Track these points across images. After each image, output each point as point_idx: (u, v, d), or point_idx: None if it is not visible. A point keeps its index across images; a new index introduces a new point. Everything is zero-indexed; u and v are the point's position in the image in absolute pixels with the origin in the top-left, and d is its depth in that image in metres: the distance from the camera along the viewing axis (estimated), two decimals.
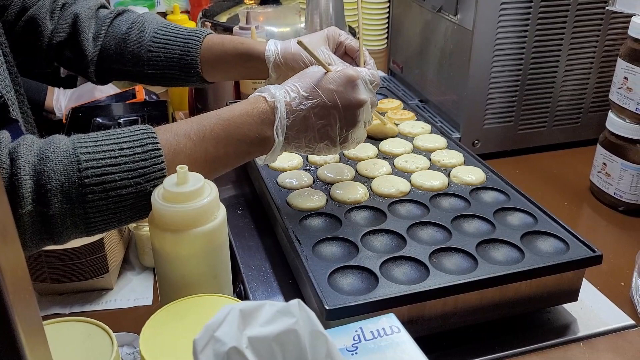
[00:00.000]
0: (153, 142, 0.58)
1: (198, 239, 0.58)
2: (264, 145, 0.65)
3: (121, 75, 0.88)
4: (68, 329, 0.54)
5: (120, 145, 0.57)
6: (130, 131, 0.59)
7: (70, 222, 0.55)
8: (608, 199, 0.97)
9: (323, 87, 0.66)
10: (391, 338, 0.49)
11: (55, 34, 0.84)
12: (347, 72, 0.67)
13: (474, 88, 1.06)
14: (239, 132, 0.63)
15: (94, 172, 0.55)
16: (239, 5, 1.36)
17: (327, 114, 0.66)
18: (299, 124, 0.65)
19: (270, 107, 0.64)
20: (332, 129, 0.67)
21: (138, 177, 0.57)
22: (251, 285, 0.73)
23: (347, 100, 0.66)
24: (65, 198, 0.54)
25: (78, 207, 0.55)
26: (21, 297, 0.33)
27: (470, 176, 0.82)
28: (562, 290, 0.68)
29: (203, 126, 0.62)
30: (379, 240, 0.70)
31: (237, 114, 0.63)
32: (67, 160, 0.55)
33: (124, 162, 0.56)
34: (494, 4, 1.00)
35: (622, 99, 0.92)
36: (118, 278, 0.81)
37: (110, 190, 0.56)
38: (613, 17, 1.07)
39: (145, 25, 0.85)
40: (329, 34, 0.83)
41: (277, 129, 0.64)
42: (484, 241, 0.69)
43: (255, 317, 0.40)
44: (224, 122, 0.63)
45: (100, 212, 0.56)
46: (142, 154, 0.57)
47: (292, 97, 0.65)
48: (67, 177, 0.54)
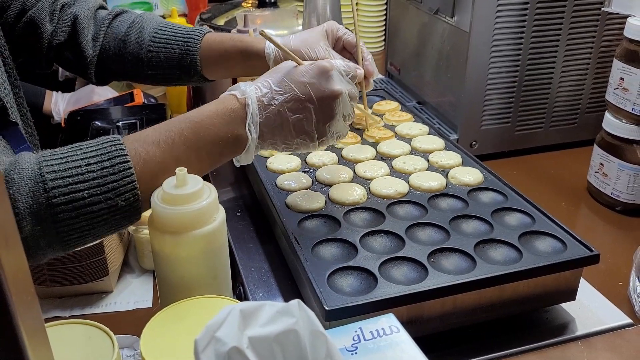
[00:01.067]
0: (121, 155, 0.56)
1: (197, 240, 0.59)
2: (238, 145, 0.63)
3: (121, 75, 0.88)
4: (69, 331, 0.55)
5: (87, 161, 0.55)
6: (98, 144, 0.57)
7: (44, 242, 0.54)
8: (605, 198, 0.98)
9: (295, 80, 0.64)
10: (391, 338, 0.49)
11: (55, 36, 0.84)
12: (319, 64, 0.65)
13: (471, 89, 1.07)
14: (209, 134, 0.61)
15: (62, 192, 0.53)
16: (236, 9, 1.36)
17: (301, 108, 0.64)
18: (273, 119, 0.63)
19: (241, 105, 0.62)
20: (308, 123, 0.64)
21: (108, 192, 0.55)
22: (251, 287, 0.73)
23: (321, 92, 0.64)
24: (34, 220, 0.53)
25: (50, 228, 0.54)
26: (24, 300, 0.33)
27: (468, 177, 0.82)
28: (560, 290, 0.68)
29: (172, 132, 0.60)
30: (377, 241, 0.70)
31: (206, 115, 0.62)
32: (32, 182, 0.53)
33: (92, 177, 0.55)
34: (490, 6, 1.01)
35: (618, 100, 0.93)
36: (118, 281, 0.81)
37: (81, 208, 0.54)
38: (609, 18, 1.07)
39: (144, 25, 0.85)
40: (328, 29, 0.83)
41: (250, 126, 0.62)
42: (482, 241, 0.69)
43: (255, 317, 0.41)
44: (193, 125, 0.61)
45: (74, 230, 0.55)
46: (110, 168, 0.55)
47: (263, 93, 0.63)
48: (34, 199, 0.53)
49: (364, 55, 0.82)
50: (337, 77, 0.66)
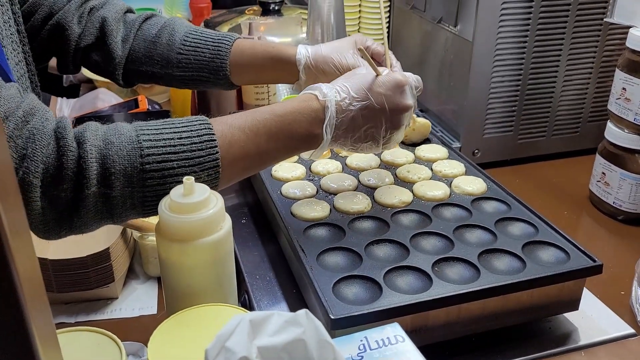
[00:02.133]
0: (209, 134, 0.61)
1: (204, 249, 0.59)
2: (312, 142, 0.67)
3: (149, 77, 0.89)
4: (77, 338, 0.55)
5: (179, 135, 0.60)
6: (189, 121, 0.62)
7: (130, 203, 0.59)
8: (607, 208, 0.98)
9: (373, 90, 0.68)
10: (396, 347, 0.50)
11: (83, 38, 0.85)
12: (396, 77, 0.70)
13: (473, 98, 1.07)
14: (290, 129, 0.65)
15: (155, 159, 0.58)
16: (240, 16, 1.37)
17: (374, 116, 0.68)
18: (347, 124, 0.67)
19: (321, 106, 0.66)
20: (377, 131, 0.69)
21: (194, 165, 0.60)
22: (255, 295, 0.74)
23: (394, 105, 0.69)
24: (127, 181, 0.57)
25: (138, 191, 0.58)
26: (37, 306, 0.33)
27: (471, 186, 0.83)
28: (563, 300, 0.69)
29: (257, 120, 0.64)
30: (382, 250, 0.71)
31: (289, 111, 0.66)
32: (130, 146, 0.58)
33: (182, 150, 0.60)
34: (493, 15, 1.02)
35: (620, 110, 0.94)
36: (123, 287, 0.82)
37: (168, 177, 0.59)
38: (611, 29, 1.08)
39: (175, 29, 0.86)
40: (357, 39, 0.85)
41: (327, 127, 0.66)
42: (486, 251, 0.70)
43: (264, 327, 0.41)
44: (276, 118, 0.65)
45: (157, 197, 0.59)
46: (199, 144, 0.60)
47: (342, 97, 0.67)
48: (130, 162, 0.57)
49: (392, 62, 0.84)
50: (409, 92, 0.71)
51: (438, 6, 1.15)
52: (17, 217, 0.32)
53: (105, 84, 1.38)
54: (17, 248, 0.31)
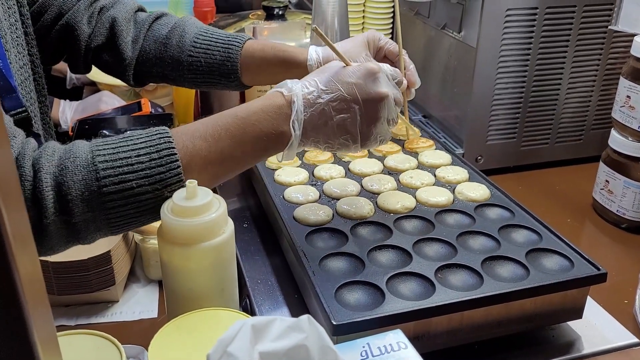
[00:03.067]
0: (169, 147, 0.59)
1: (206, 253, 0.59)
2: (281, 141, 0.64)
3: (160, 78, 0.88)
4: (77, 341, 0.55)
5: (137, 152, 0.58)
6: (147, 136, 0.60)
7: (94, 227, 0.58)
8: (611, 216, 0.98)
9: (342, 80, 0.65)
10: (398, 354, 0.49)
11: (93, 38, 0.85)
12: (367, 65, 0.66)
13: (477, 104, 1.07)
14: (254, 130, 0.63)
15: (112, 181, 0.56)
16: (244, 20, 1.37)
17: (346, 108, 0.64)
18: (317, 117, 0.64)
19: (287, 101, 0.64)
20: (351, 124, 0.65)
21: (155, 183, 0.58)
22: (257, 299, 0.74)
23: (367, 94, 0.65)
24: (86, 206, 0.56)
25: (99, 214, 0.57)
26: (38, 310, 0.33)
27: (474, 193, 0.82)
28: (566, 308, 0.68)
29: (218, 126, 0.62)
30: (385, 255, 0.70)
31: (253, 111, 0.63)
32: (85, 170, 0.56)
33: (141, 168, 0.58)
34: (497, 22, 1.02)
35: (624, 117, 0.93)
36: (123, 290, 0.81)
37: (129, 197, 0.57)
38: (615, 37, 1.08)
39: (186, 29, 0.85)
40: (369, 38, 0.83)
41: (294, 122, 0.63)
42: (489, 258, 0.69)
43: (266, 332, 0.41)
44: (239, 121, 0.62)
45: (122, 217, 0.58)
46: (158, 160, 0.58)
47: (310, 91, 0.64)
48: (86, 187, 0.56)
49: (406, 64, 0.82)
50: (384, 80, 0.66)
51: (442, 12, 1.15)
52: (19, 220, 0.31)
53: (108, 87, 1.38)
54: (19, 251, 0.30)
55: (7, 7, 0.72)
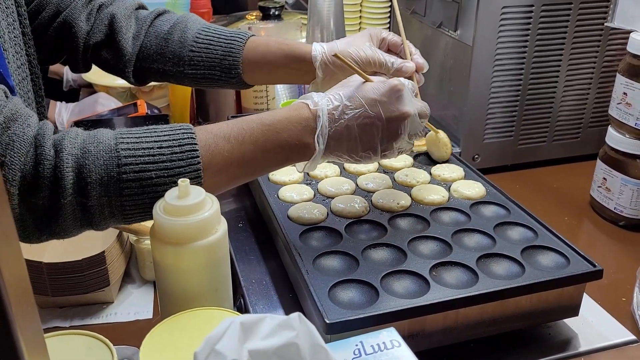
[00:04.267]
0: (191, 143, 0.59)
1: (199, 252, 0.59)
2: (304, 153, 0.65)
3: (160, 75, 0.87)
4: (68, 342, 0.54)
5: (159, 144, 0.59)
6: (171, 130, 0.61)
7: (108, 212, 0.58)
8: (608, 213, 0.97)
9: (366, 96, 0.65)
10: (392, 352, 0.49)
11: (92, 35, 0.84)
12: (391, 83, 0.66)
13: (473, 103, 1.07)
14: (278, 138, 0.63)
15: (132, 169, 0.57)
16: (241, 21, 1.37)
17: (369, 124, 0.65)
18: (341, 133, 0.65)
19: (312, 115, 0.64)
20: (374, 139, 0.66)
21: (174, 175, 0.58)
22: (251, 299, 0.73)
23: (390, 112, 0.66)
24: (103, 191, 0.56)
25: (115, 200, 0.57)
26: (23, 310, 0.33)
27: (470, 190, 0.82)
28: (562, 305, 0.68)
29: (243, 130, 0.62)
30: (379, 254, 0.70)
31: (278, 120, 0.64)
32: (108, 155, 0.57)
33: (162, 160, 0.58)
34: (493, 20, 1.02)
35: (621, 114, 0.93)
36: (118, 291, 0.81)
37: (147, 187, 0.58)
38: (612, 33, 1.08)
39: (188, 25, 0.85)
40: (371, 32, 0.83)
41: (319, 137, 0.64)
42: (485, 255, 0.69)
43: (255, 330, 0.41)
44: (264, 127, 0.63)
45: (136, 206, 0.58)
46: (179, 154, 0.59)
47: (335, 106, 0.65)
48: (106, 172, 0.56)
49: (412, 50, 0.82)
50: (407, 97, 0.67)
51: (438, 11, 1.15)
52: (3, 220, 0.31)
53: (104, 88, 1.38)
54: (2, 248, 0.30)
55: (5, 6, 0.71)
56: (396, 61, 0.80)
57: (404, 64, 0.80)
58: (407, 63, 0.79)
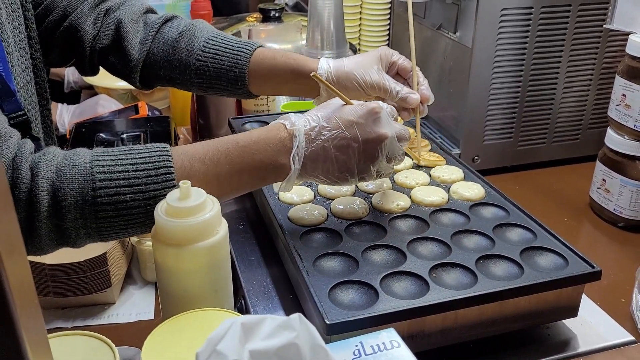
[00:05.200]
0: (167, 166, 0.60)
1: (200, 253, 0.59)
2: (279, 173, 0.65)
3: (167, 81, 0.87)
4: (71, 342, 0.55)
5: (135, 167, 0.59)
6: (148, 152, 0.61)
7: (84, 233, 0.59)
8: (608, 215, 0.98)
9: (344, 118, 0.66)
10: (391, 353, 0.49)
11: (98, 40, 0.84)
12: (369, 105, 0.67)
13: (473, 104, 1.07)
14: (254, 159, 0.64)
15: (107, 192, 0.58)
16: (241, 23, 1.37)
17: (345, 146, 0.65)
18: (317, 153, 0.65)
19: (289, 135, 0.65)
20: (350, 161, 0.66)
21: (149, 199, 0.59)
22: (252, 300, 0.74)
23: (367, 133, 0.66)
24: (78, 214, 0.57)
25: (90, 222, 0.58)
26: (27, 311, 0.33)
27: (469, 192, 0.82)
28: (561, 306, 0.68)
29: (218, 151, 0.63)
30: (379, 255, 0.70)
31: (254, 141, 0.64)
32: (83, 179, 0.57)
33: (137, 184, 0.59)
34: (493, 22, 1.02)
35: (620, 116, 0.93)
36: (120, 292, 0.81)
37: (122, 210, 0.59)
38: (611, 35, 1.08)
39: (196, 33, 0.84)
40: (382, 53, 0.82)
41: (294, 157, 0.64)
42: (484, 256, 0.69)
43: (256, 331, 0.41)
44: (240, 148, 0.63)
45: (112, 227, 0.59)
46: (155, 177, 0.59)
47: (312, 126, 0.65)
48: (81, 195, 0.57)
49: (420, 80, 0.81)
50: (385, 120, 0.67)
51: (437, 13, 1.15)
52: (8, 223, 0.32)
53: (105, 90, 1.39)
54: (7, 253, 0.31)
55: (12, 10, 0.72)
56: (402, 90, 0.79)
57: (409, 95, 0.79)
58: (413, 95, 0.78)
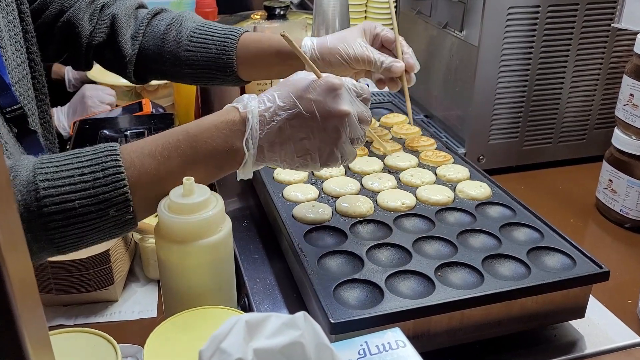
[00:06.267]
0: (115, 166, 0.56)
1: (203, 250, 0.59)
2: (235, 159, 0.61)
3: (160, 74, 0.87)
4: (73, 339, 0.54)
5: (81, 171, 0.55)
6: (94, 153, 0.57)
7: (37, 247, 0.55)
8: (614, 215, 0.97)
9: (301, 96, 0.61)
10: (397, 352, 0.49)
11: (94, 35, 0.84)
12: (328, 80, 0.62)
13: (479, 103, 1.07)
14: (206, 147, 0.59)
15: (53, 201, 0.54)
16: (246, 20, 1.37)
17: (304, 125, 0.60)
18: (274, 136, 0.60)
19: (241, 118, 0.60)
20: (310, 143, 0.61)
21: (99, 202, 0.55)
22: (255, 298, 0.73)
23: (325, 111, 0.60)
24: (25, 227, 0.52)
25: (41, 235, 0.54)
26: (28, 307, 0.33)
27: (475, 191, 0.82)
28: (568, 307, 0.67)
29: (169, 143, 0.59)
30: (384, 254, 0.70)
31: (205, 128, 0.60)
32: (25, 190, 0.53)
33: (85, 188, 0.55)
34: (499, 20, 1.01)
35: (627, 116, 0.92)
36: (123, 290, 0.81)
37: (72, 218, 0.54)
38: (619, 34, 1.07)
39: (183, 24, 0.84)
40: (365, 27, 0.82)
41: (248, 140, 0.60)
42: (490, 256, 0.68)
43: (261, 329, 0.40)
44: (190, 138, 0.59)
45: (66, 237, 0.55)
46: (103, 179, 0.55)
47: (267, 107, 0.60)
48: (25, 207, 0.53)
49: (404, 48, 0.81)
50: (345, 97, 0.62)
51: (444, 11, 1.15)
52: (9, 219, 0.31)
53: (109, 86, 1.38)
54: (8, 249, 0.30)
55: (5, 4, 0.71)
56: (386, 60, 0.79)
57: (394, 63, 0.78)
58: (397, 62, 0.77)
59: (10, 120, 0.64)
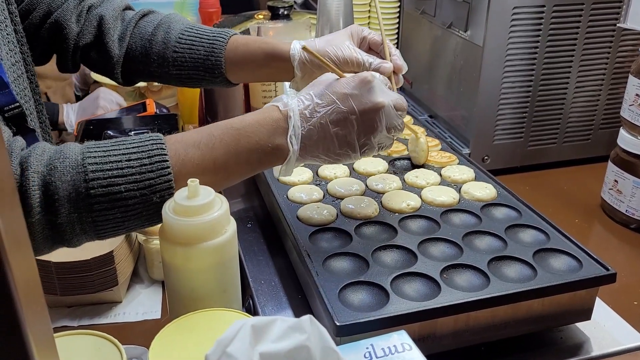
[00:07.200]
0: (161, 154, 0.58)
1: (208, 252, 0.58)
2: (278, 155, 0.63)
3: (147, 76, 0.87)
4: (77, 341, 0.54)
5: (128, 157, 0.58)
6: (140, 141, 0.59)
7: (79, 229, 0.57)
8: (619, 216, 0.96)
9: (337, 92, 0.64)
10: (402, 355, 0.49)
11: (82, 37, 0.84)
12: (360, 75, 0.65)
13: (483, 104, 1.06)
14: (249, 142, 0.62)
15: (100, 183, 0.56)
16: (249, 20, 1.37)
17: (343, 120, 0.64)
18: (316, 132, 0.63)
19: (283, 116, 0.63)
20: (350, 135, 0.64)
21: (144, 188, 0.57)
22: (260, 300, 0.73)
23: (363, 104, 0.64)
24: (72, 207, 0.55)
25: (85, 216, 0.56)
26: (33, 309, 0.32)
27: (481, 192, 0.81)
28: (575, 309, 0.67)
29: (213, 136, 0.61)
30: (389, 255, 0.69)
31: (248, 123, 0.63)
32: (74, 171, 0.56)
33: (131, 173, 0.57)
34: (504, 20, 1.01)
35: (633, 116, 0.92)
36: (127, 291, 0.81)
37: (117, 201, 0.57)
38: (624, 34, 1.07)
39: (171, 26, 0.85)
40: (352, 30, 0.82)
41: (291, 137, 0.62)
42: (496, 258, 0.68)
43: (266, 332, 0.40)
44: (234, 132, 0.62)
45: (108, 221, 0.57)
46: (149, 166, 0.58)
47: (305, 105, 0.64)
48: (74, 188, 0.55)
49: (391, 50, 0.81)
50: (379, 88, 0.65)
51: (448, 11, 1.14)
52: (13, 218, 0.31)
53: (113, 87, 1.38)
54: (13, 249, 0.30)
55: None
56: (374, 61, 0.79)
57: (382, 65, 0.78)
58: (385, 64, 0.78)
59: (9, 119, 0.63)
